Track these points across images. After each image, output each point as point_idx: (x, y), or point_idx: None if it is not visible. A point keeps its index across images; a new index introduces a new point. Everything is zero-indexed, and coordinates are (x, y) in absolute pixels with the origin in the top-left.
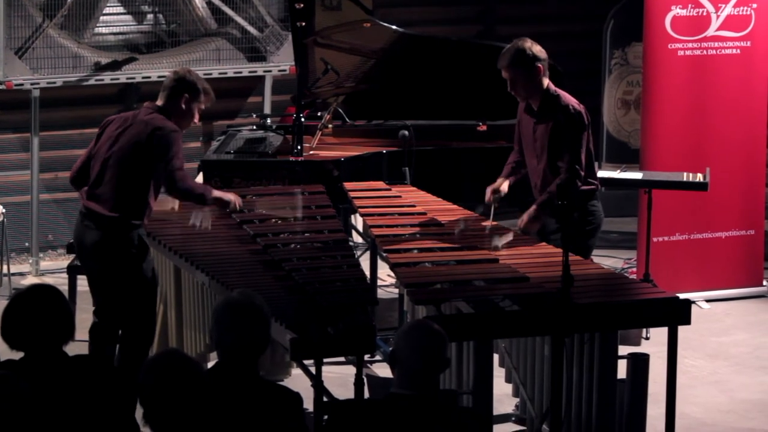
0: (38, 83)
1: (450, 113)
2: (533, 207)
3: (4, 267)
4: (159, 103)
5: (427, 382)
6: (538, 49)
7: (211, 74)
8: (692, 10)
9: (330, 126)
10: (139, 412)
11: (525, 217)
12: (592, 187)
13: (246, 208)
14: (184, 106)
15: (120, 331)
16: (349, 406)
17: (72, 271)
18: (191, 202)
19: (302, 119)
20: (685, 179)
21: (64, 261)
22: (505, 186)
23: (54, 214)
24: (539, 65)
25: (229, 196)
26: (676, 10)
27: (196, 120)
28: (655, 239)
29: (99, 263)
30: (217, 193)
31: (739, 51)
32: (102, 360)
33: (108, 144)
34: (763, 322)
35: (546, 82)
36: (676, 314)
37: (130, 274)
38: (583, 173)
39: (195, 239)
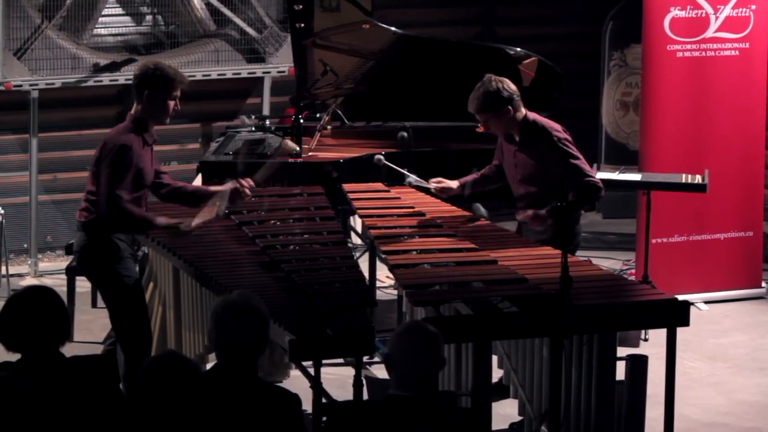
0: (37, 84)
1: (449, 115)
2: (544, 210)
3: (3, 268)
4: (133, 108)
5: (425, 383)
6: (506, 88)
7: (209, 75)
8: (691, 11)
9: (329, 127)
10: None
11: (531, 213)
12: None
13: (245, 209)
14: (151, 103)
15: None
16: (348, 407)
17: (71, 273)
18: (132, 231)
19: (301, 120)
20: (683, 181)
21: (63, 262)
22: (454, 185)
23: (53, 216)
24: (508, 106)
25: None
26: (675, 12)
27: (177, 107)
28: (653, 241)
29: (80, 267)
30: (162, 219)
31: (737, 52)
32: (99, 361)
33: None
34: (762, 323)
35: (522, 113)
36: (675, 316)
37: (105, 280)
38: (595, 180)
39: (194, 240)
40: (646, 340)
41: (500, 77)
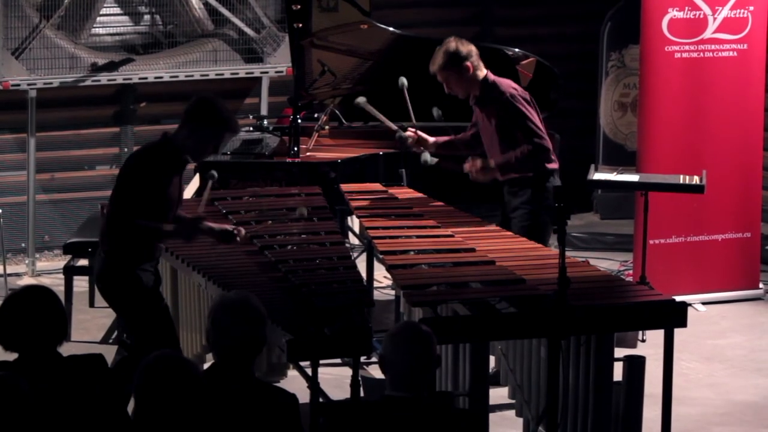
0: (35, 84)
1: (446, 115)
2: (492, 161)
3: (0, 268)
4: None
5: (420, 383)
6: (464, 47)
7: (207, 75)
8: (689, 12)
9: (327, 127)
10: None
11: (479, 164)
12: (553, 166)
13: (242, 209)
14: (193, 135)
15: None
16: (345, 407)
17: (68, 272)
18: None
19: (299, 121)
20: (681, 182)
21: (61, 261)
22: (431, 140)
23: (50, 215)
24: (468, 63)
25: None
26: (673, 13)
27: (214, 152)
28: (651, 242)
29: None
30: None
31: (735, 53)
32: (96, 360)
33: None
34: (759, 324)
35: (482, 73)
36: (673, 317)
37: (132, 313)
38: (545, 142)
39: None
40: (643, 341)
41: (459, 38)
